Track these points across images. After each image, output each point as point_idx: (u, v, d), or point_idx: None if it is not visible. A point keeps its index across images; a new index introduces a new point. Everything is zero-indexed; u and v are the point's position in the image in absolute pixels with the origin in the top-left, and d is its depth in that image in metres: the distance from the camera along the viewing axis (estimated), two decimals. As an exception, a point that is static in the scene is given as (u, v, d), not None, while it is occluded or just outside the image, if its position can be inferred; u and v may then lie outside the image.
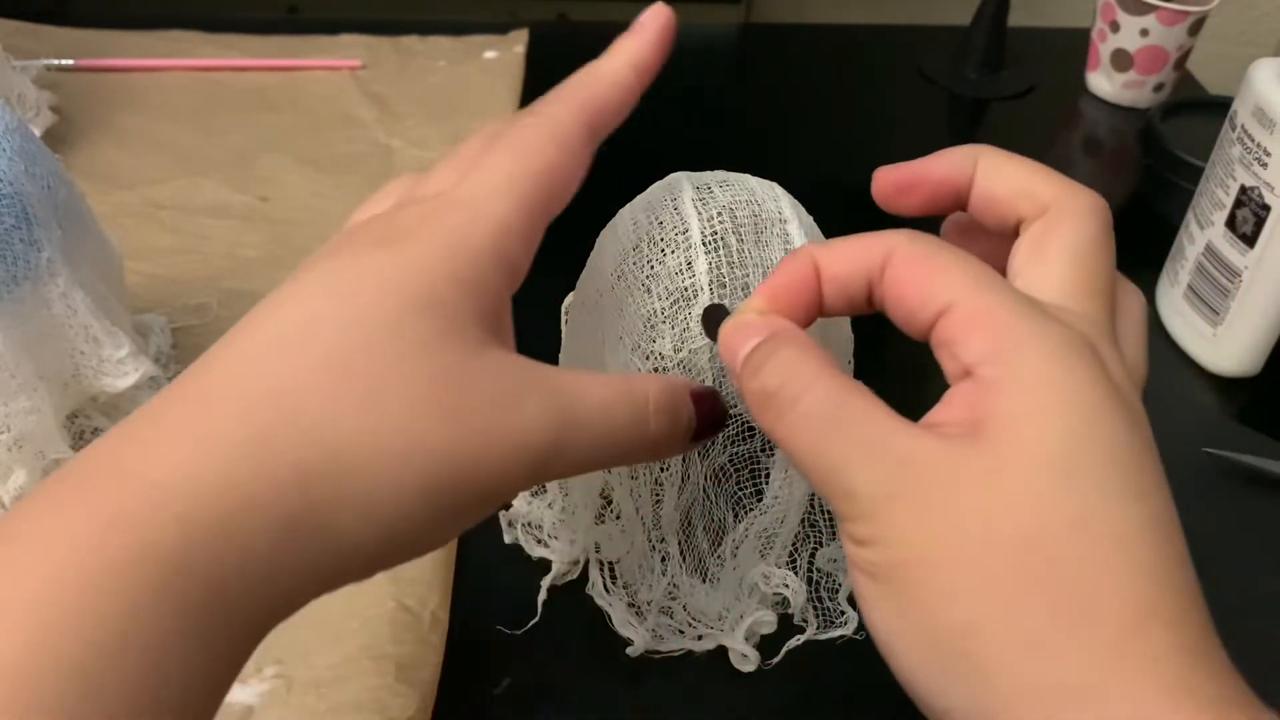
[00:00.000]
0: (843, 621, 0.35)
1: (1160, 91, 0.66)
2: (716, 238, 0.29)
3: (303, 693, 0.32)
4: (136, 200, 0.53)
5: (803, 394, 0.24)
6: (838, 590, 0.35)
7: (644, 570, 0.34)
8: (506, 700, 0.33)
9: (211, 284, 0.48)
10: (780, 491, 0.33)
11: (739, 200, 0.30)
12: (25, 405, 0.35)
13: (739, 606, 0.35)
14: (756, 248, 0.30)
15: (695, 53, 0.73)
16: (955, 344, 0.24)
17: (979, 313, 0.24)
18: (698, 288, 0.29)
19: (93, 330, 0.37)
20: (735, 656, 0.34)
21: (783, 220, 0.30)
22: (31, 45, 0.64)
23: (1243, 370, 0.47)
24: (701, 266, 0.29)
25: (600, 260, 0.32)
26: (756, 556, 0.34)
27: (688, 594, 0.35)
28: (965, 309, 0.24)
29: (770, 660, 0.34)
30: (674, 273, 0.29)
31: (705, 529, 0.34)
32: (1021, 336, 0.23)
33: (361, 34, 0.68)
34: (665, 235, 0.30)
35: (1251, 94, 0.42)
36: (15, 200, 0.34)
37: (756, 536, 0.34)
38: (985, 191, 0.27)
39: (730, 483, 0.34)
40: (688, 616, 0.35)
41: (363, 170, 0.57)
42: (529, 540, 0.37)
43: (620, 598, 0.35)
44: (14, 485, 0.36)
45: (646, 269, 0.30)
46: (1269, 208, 0.42)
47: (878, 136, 0.66)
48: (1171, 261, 0.50)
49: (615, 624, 0.34)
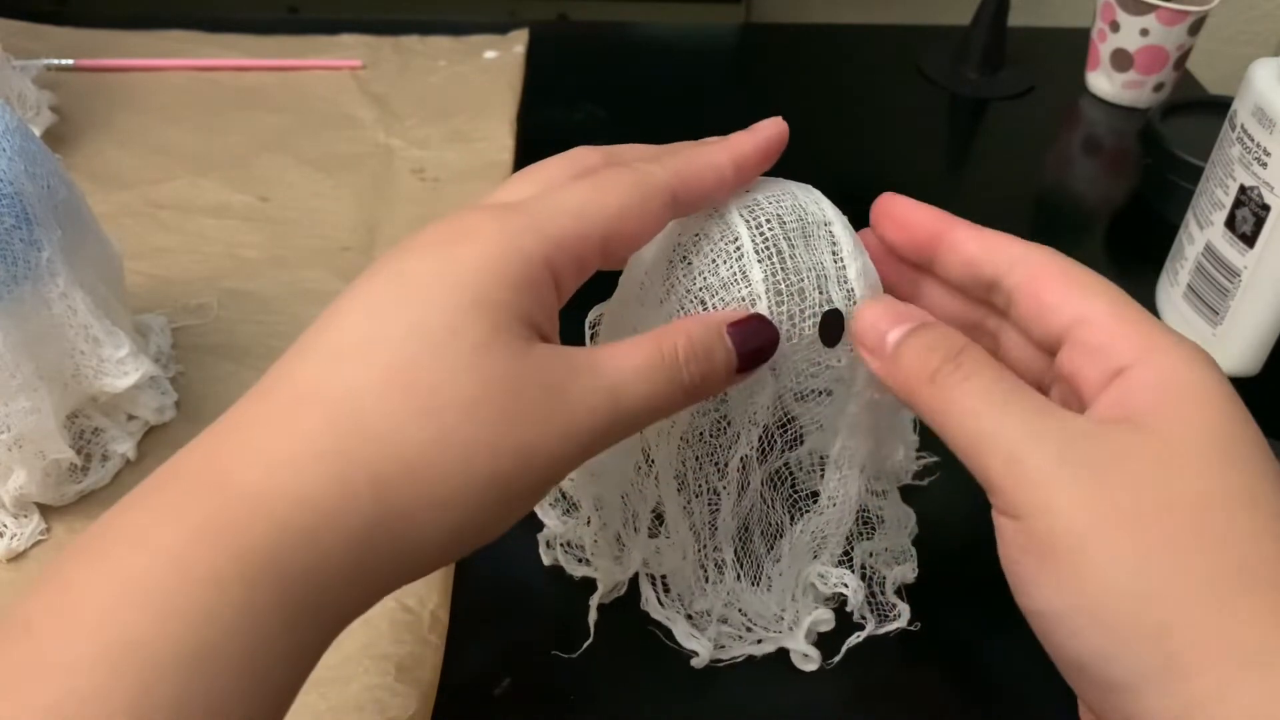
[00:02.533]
0: (895, 615, 0.35)
1: (1160, 91, 0.66)
2: (769, 244, 0.29)
3: (303, 692, 0.32)
4: (136, 200, 0.53)
5: (975, 373, 0.26)
6: (884, 584, 0.35)
7: (698, 580, 0.34)
8: (506, 700, 0.34)
9: (211, 284, 0.48)
10: (836, 491, 0.33)
11: (785, 206, 0.30)
12: (25, 405, 0.35)
13: (794, 607, 0.35)
14: (807, 252, 0.30)
15: (695, 53, 0.73)
16: (1104, 350, 0.26)
17: (1124, 323, 0.26)
18: (754, 296, 0.29)
19: (93, 330, 0.37)
20: (797, 657, 0.34)
21: (827, 222, 0.30)
22: (31, 45, 0.64)
23: (1243, 370, 0.47)
24: (757, 275, 0.29)
25: (641, 273, 0.32)
26: (810, 556, 0.34)
27: (742, 599, 0.35)
28: (1109, 320, 0.27)
29: (831, 659, 0.34)
30: (729, 283, 0.29)
31: (763, 534, 0.35)
32: (1165, 345, 0.26)
33: (361, 34, 0.68)
34: (715, 246, 0.30)
35: (1251, 94, 0.42)
36: (15, 200, 0.34)
37: (812, 537, 0.34)
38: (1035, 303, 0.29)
39: (786, 486, 0.34)
40: (745, 621, 0.35)
41: (363, 170, 0.57)
42: (570, 560, 0.36)
43: (678, 610, 0.35)
44: (14, 485, 0.36)
45: (700, 280, 0.30)
46: (1269, 207, 0.42)
47: (878, 136, 0.66)
48: (1171, 261, 0.50)
49: (678, 637, 0.34)
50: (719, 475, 0.33)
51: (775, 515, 0.34)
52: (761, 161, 0.30)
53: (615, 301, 0.34)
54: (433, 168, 0.57)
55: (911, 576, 0.36)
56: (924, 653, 0.35)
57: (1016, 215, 0.59)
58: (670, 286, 0.30)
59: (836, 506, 0.33)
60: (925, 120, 0.68)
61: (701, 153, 0.29)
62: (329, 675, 0.32)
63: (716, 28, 0.82)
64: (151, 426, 0.41)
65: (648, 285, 0.31)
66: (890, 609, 0.35)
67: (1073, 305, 0.27)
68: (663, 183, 0.28)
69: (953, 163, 0.65)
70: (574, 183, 0.27)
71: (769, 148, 0.30)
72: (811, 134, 0.65)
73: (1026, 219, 0.59)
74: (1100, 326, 0.27)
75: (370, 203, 0.55)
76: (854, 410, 0.32)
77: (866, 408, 0.32)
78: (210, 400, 0.43)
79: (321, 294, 0.48)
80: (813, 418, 0.32)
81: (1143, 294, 0.52)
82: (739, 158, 0.29)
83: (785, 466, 0.34)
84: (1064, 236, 0.59)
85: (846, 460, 0.32)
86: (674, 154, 0.29)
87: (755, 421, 0.31)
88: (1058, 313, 0.27)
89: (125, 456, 0.40)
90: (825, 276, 0.30)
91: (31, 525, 0.37)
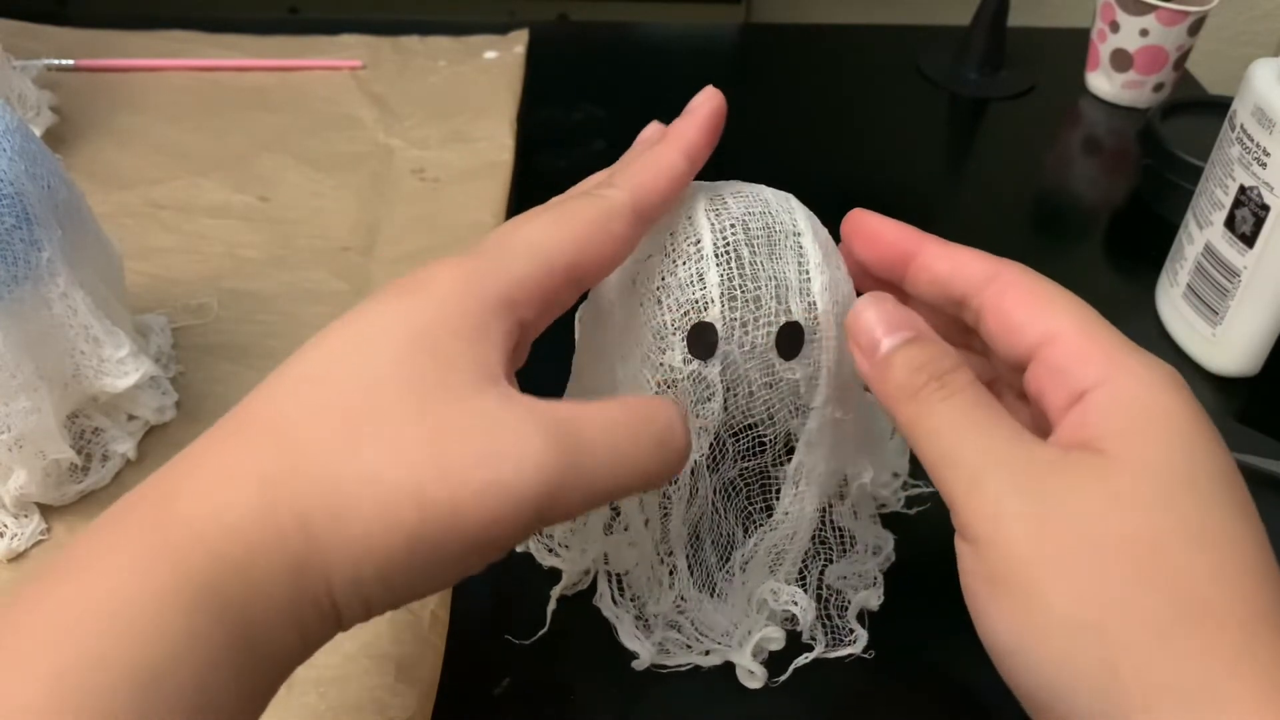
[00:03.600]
0: (852, 640, 0.34)
1: (1160, 91, 0.66)
2: (729, 249, 0.29)
3: (302, 692, 0.32)
4: (136, 200, 0.53)
5: (956, 394, 0.26)
6: (847, 608, 0.35)
7: (652, 583, 0.34)
8: (506, 700, 0.34)
9: (211, 284, 0.48)
10: (791, 507, 0.32)
11: (753, 211, 0.30)
12: (25, 405, 0.35)
13: (747, 622, 0.34)
14: (770, 260, 0.29)
15: (695, 53, 0.73)
16: (1067, 371, 0.26)
17: (1090, 342, 0.26)
18: (709, 300, 0.29)
19: (93, 330, 0.37)
20: (742, 673, 0.34)
21: (797, 233, 0.30)
22: (31, 45, 0.64)
23: (1242, 370, 0.47)
24: (713, 279, 0.29)
25: None
26: (766, 572, 0.34)
27: (696, 608, 0.34)
28: (1075, 339, 0.26)
29: (777, 678, 0.34)
30: (685, 284, 0.29)
31: (714, 543, 0.34)
32: (1129, 366, 0.25)
33: (361, 34, 0.68)
34: (677, 246, 0.29)
35: (1251, 94, 0.42)
36: (15, 200, 0.34)
37: (766, 552, 0.33)
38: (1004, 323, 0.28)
39: (740, 497, 0.34)
40: (695, 631, 0.34)
41: (363, 170, 0.57)
42: (540, 549, 0.36)
43: (628, 610, 0.34)
44: (14, 485, 0.36)
45: (658, 279, 0.29)
46: (1268, 208, 0.42)
47: (878, 136, 0.66)
48: (1171, 261, 0.50)
49: (621, 636, 0.34)
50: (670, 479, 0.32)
51: (727, 526, 0.34)
52: (710, 140, 0.30)
53: (593, 290, 0.33)
54: (433, 168, 0.57)
55: (875, 603, 0.35)
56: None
57: (1016, 215, 0.59)
58: (635, 277, 0.30)
59: (790, 522, 0.32)
60: (925, 120, 0.68)
61: (651, 157, 0.29)
62: (329, 675, 0.32)
63: (716, 28, 0.82)
64: (152, 426, 0.41)
65: (622, 271, 0.31)
66: (848, 633, 0.34)
67: (1040, 324, 0.27)
68: (621, 201, 0.27)
69: (953, 163, 0.65)
70: (534, 218, 0.27)
71: (711, 124, 0.30)
72: (811, 134, 0.65)
73: (1026, 219, 0.59)
74: (1065, 347, 0.26)
75: (370, 203, 0.55)
76: (813, 427, 0.31)
77: (828, 425, 0.31)
78: (210, 400, 0.43)
79: (321, 294, 0.48)
80: (769, 428, 0.32)
81: (1142, 294, 0.52)
82: (688, 147, 0.29)
83: (740, 477, 0.33)
84: (1064, 237, 0.59)
85: (804, 476, 0.32)
86: (625, 168, 0.29)
87: (705, 428, 0.31)
88: (1024, 332, 0.27)
89: (125, 456, 0.40)
90: (787, 287, 0.29)
91: (32, 525, 0.37)
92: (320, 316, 0.47)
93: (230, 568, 0.21)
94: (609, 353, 0.32)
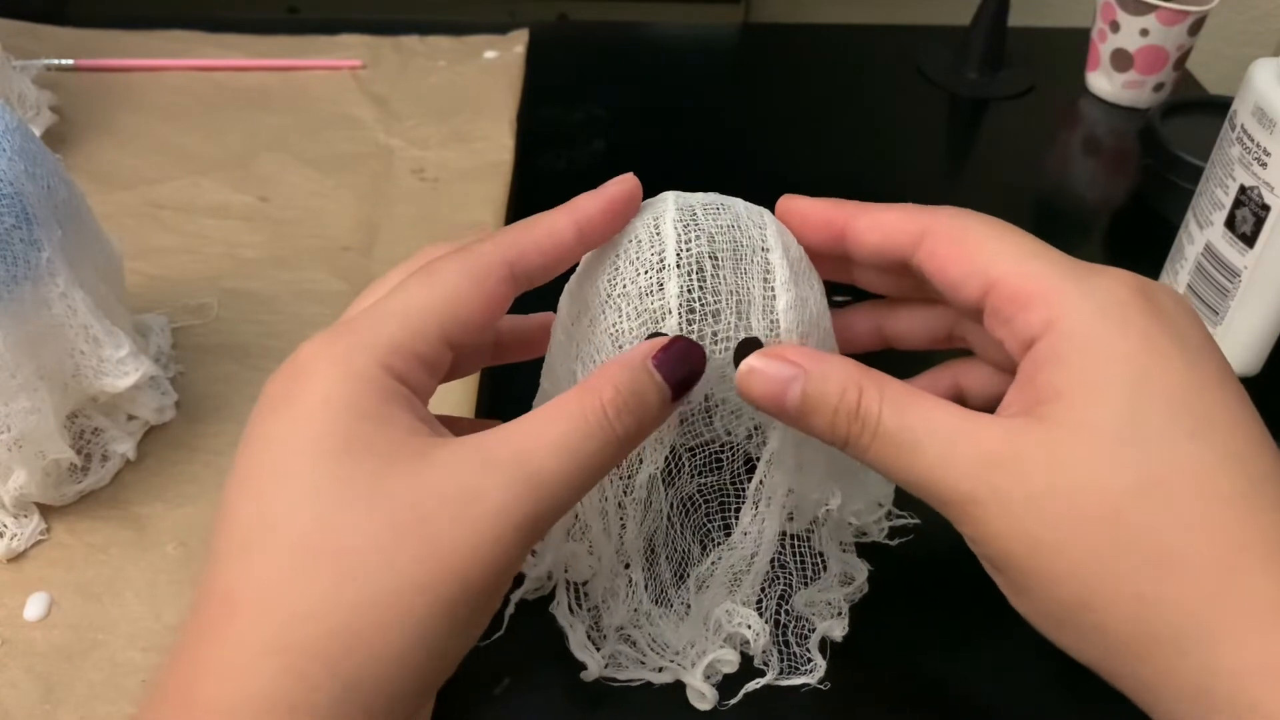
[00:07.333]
0: (809, 670, 0.33)
1: (1160, 91, 0.66)
2: (692, 261, 0.29)
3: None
4: (136, 200, 0.53)
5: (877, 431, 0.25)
6: (808, 636, 0.34)
7: (609, 594, 0.33)
8: (506, 700, 0.33)
9: (211, 284, 0.48)
10: (750, 528, 0.32)
11: (721, 225, 0.29)
12: (25, 405, 0.35)
13: (703, 643, 0.33)
14: (734, 275, 0.29)
15: (695, 53, 0.73)
16: (1012, 319, 0.25)
17: (1026, 283, 0.25)
18: (666, 310, 0.28)
19: (93, 330, 0.37)
20: (693, 694, 0.33)
21: (765, 249, 0.29)
22: (31, 45, 0.64)
23: (1242, 370, 0.47)
24: (673, 289, 0.28)
25: (582, 272, 0.31)
26: (725, 593, 0.33)
27: (651, 623, 0.34)
28: (1012, 282, 0.25)
29: (727, 701, 0.33)
30: (645, 293, 0.29)
31: (669, 559, 0.34)
32: (1070, 302, 0.24)
33: (361, 34, 0.68)
34: (642, 254, 0.29)
35: (1251, 94, 0.42)
36: (15, 200, 0.34)
37: (725, 573, 0.33)
38: None
39: (699, 514, 0.33)
40: (649, 646, 0.33)
41: (363, 170, 0.57)
42: None
43: (583, 620, 0.34)
44: (14, 485, 0.36)
45: (620, 286, 0.29)
46: (1268, 208, 0.42)
47: (878, 136, 0.66)
48: (1171, 261, 0.50)
49: (571, 647, 0.33)
50: (625, 491, 0.31)
51: (683, 542, 0.33)
52: (609, 220, 0.29)
53: (573, 280, 0.33)
54: (433, 168, 0.57)
55: (839, 634, 0.34)
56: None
57: (1017, 215, 0.58)
58: (597, 288, 0.30)
59: (749, 543, 0.32)
60: (925, 120, 0.68)
61: (541, 220, 0.28)
62: (329, 675, 0.32)
63: (716, 28, 0.82)
64: (151, 426, 0.41)
65: (589, 269, 0.31)
66: (805, 662, 0.33)
67: (977, 275, 0.26)
68: (495, 258, 0.27)
69: (953, 163, 0.65)
70: (404, 282, 0.27)
71: (614, 208, 0.29)
72: (811, 134, 0.65)
73: (1026, 219, 0.59)
74: (1004, 293, 0.25)
75: (370, 203, 0.55)
76: (774, 445, 0.30)
77: (792, 444, 0.30)
78: (210, 400, 0.43)
79: (321, 294, 0.48)
80: (727, 444, 0.31)
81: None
82: (581, 219, 0.28)
83: (699, 493, 0.33)
84: (1064, 236, 0.58)
85: (764, 497, 0.31)
86: (512, 228, 0.28)
87: (661, 440, 0.30)
88: (965, 287, 0.26)
89: (125, 456, 0.40)
90: (749, 303, 0.29)
91: (31, 525, 0.37)
92: (320, 316, 0.47)
93: None
94: (573, 356, 0.32)
